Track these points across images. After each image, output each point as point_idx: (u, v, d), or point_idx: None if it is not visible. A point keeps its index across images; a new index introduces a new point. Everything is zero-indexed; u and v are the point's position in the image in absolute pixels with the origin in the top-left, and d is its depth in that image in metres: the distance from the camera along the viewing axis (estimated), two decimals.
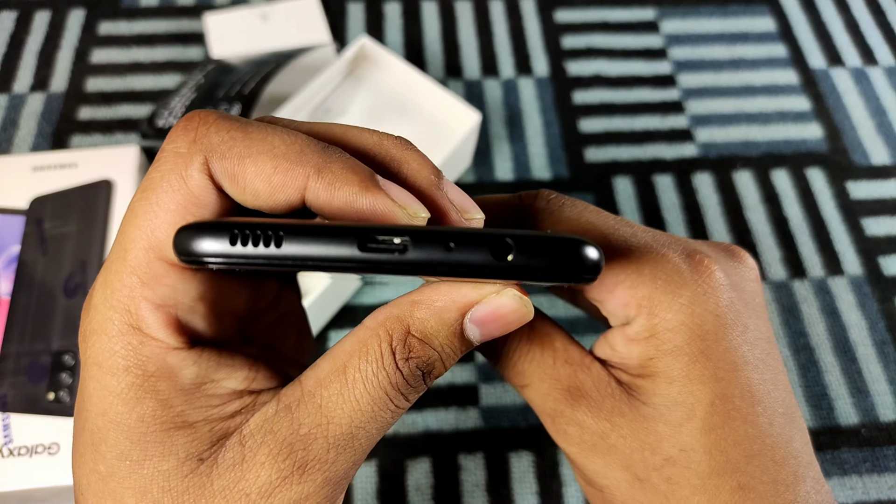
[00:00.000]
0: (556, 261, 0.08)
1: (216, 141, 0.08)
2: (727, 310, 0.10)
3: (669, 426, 0.10)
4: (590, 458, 0.10)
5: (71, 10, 0.34)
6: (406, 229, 0.08)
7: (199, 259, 0.08)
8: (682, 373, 0.10)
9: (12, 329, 0.22)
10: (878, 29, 0.36)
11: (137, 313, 0.09)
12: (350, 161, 0.09)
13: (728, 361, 0.10)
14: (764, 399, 0.10)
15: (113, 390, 0.09)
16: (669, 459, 0.10)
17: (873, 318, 0.27)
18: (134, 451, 0.09)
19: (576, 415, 0.10)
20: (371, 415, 0.09)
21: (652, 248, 0.10)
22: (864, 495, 0.24)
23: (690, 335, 0.10)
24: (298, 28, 0.33)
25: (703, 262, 0.10)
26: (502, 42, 0.35)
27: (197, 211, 0.09)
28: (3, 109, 0.31)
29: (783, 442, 0.10)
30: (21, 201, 0.24)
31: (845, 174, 0.31)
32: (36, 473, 0.19)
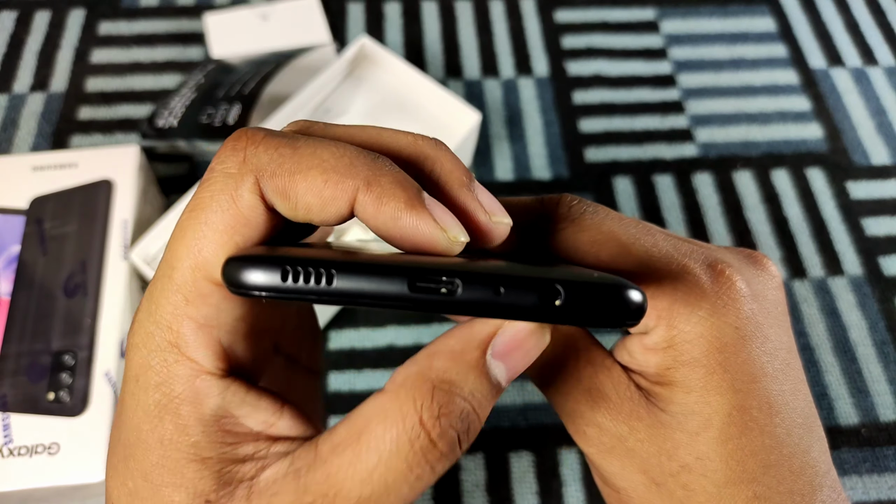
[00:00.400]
0: (603, 307, 0.08)
1: (266, 160, 0.08)
2: (747, 321, 0.10)
3: (686, 434, 0.10)
4: (608, 459, 0.10)
5: (71, 10, 0.34)
6: (457, 270, 0.08)
7: (249, 292, 0.08)
8: (700, 383, 0.10)
9: (12, 329, 0.22)
10: (878, 29, 0.36)
11: (179, 331, 0.09)
12: (399, 175, 0.09)
13: (746, 373, 0.10)
14: (782, 410, 0.10)
15: (143, 406, 0.09)
16: (686, 466, 0.10)
17: (873, 318, 0.27)
18: (153, 473, 0.09)
19: (595, 416, 0.10)
20: (385, 487, 0.08)
21: (673, 258, 0.10)
22: (864, 495, 0.24)
23: (709, 347, 0.10)
24: (298, 28, 0.33)
25: (724, 273, 0.10)
26: (502, 42, 0.35)
27: (246, 231, 0.09)
28: (4, 109, 0.31)
29: (800, 452, 0.10)
30: (21, 201, 0.24)
31: (845, 174, 0.31)
32: (36, 473, 0.19)
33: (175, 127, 0.28)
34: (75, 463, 0.20)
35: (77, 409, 0.20)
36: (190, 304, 0.09)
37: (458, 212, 0.09)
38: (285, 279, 0.08)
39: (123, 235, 0.24)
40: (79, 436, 0.20)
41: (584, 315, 0.08)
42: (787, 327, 0.11)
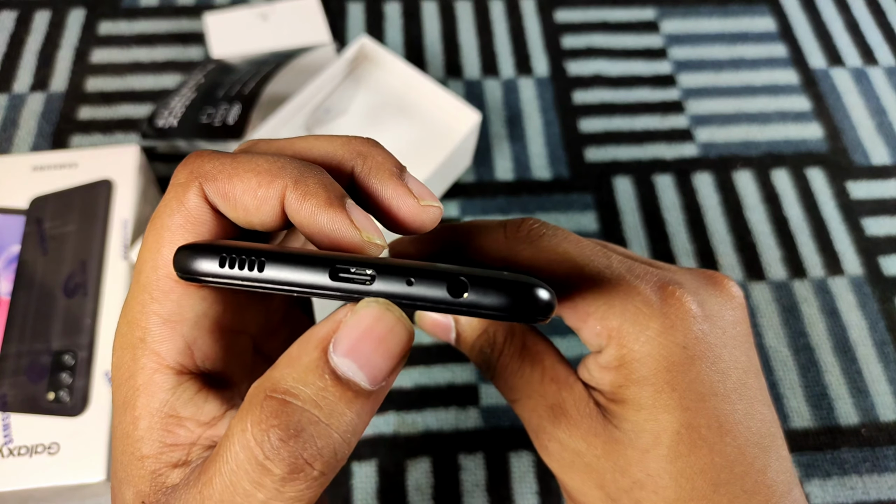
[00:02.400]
0: (510, 301, 0.08)
1: (209, 167, 0.09)
2: (696, 341, 0.10)
3: (637, 451, 0.10)
4: (568, 474, 0.11)
5: (71, 10, 0.34)
6: (373, 263, 0.08)
7: (194, 277, 0.09)
8: (649, 401, 0.10)
9: (12, 329, 0.22)
10: (879, 29, 0.36)
11: (146, 326, 0.09)
12: (325, 178, 0.09)
13: (695, 392, 0.10)
14: (734, 429, 0.10)
15: (116, 403, 0.09)
16: (638, 483, 0.10)
17: (873, 318, 0.27)
18: (117, 469, 0.09)
19: (556, 432, 0.11)
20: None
21: (625, 279, 0.10)
22: (865, 495, 0.24)
23: (657, 366, 0.10)
24: (298, 28, 0.33)
25: (675, 294, 0.10)
26: (502, 42, 0.35)
27: (196, 229, 0.09)
28: (3, 109, 0.31)
29: (755, 471, 0.10)
30: (21, 201, 0.24)
31: (845, 174, 0.31)
32: (36, 473, 0.19)
33: (175, 127, 0.28)
34: (75, 463, 0.20)
35: (77, 409, 0.20)
36: (154, 301, 0.09)
37: (390, 197, 0.10)
38: (222, 265, 0.09)
39: (123, 235, 0.24)
40: (79, 436, 0.20)
41: (492, 309, 0.08)
42: (745, 348, 0.11)
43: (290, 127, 0.28)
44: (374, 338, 0.08)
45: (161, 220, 0.09)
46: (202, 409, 0.09)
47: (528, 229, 0.11)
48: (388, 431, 0.24)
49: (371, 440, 0.24)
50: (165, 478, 0.09)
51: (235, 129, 0.26)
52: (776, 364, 0.26)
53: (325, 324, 0.08)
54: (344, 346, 0.08)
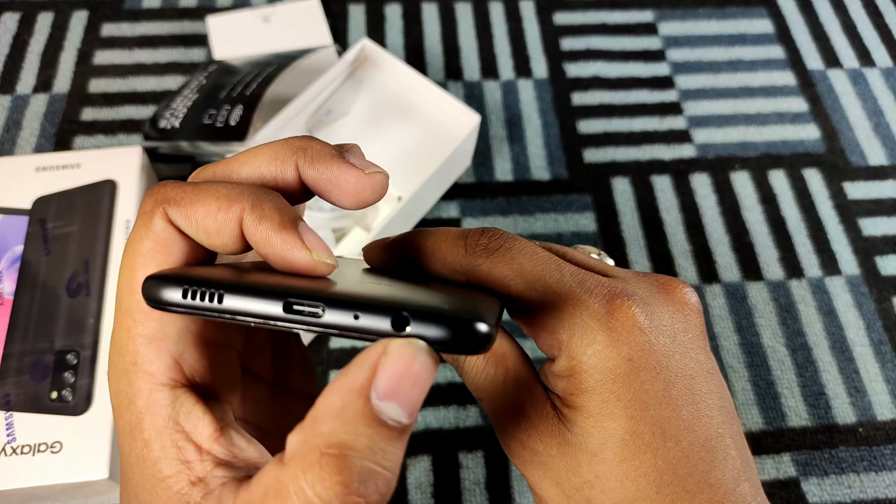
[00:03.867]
0: (449, 335, 0.08)
1: (171, 194, 0.10)
2: (640, 353, 0.11)
3: (587, 454, 0.11)
4: (528, 471, 0.11)
5: (74, 12, 0.34)
6: (321, 296, 0.09)
7: (161, 306, 0.09)
8: (596, 410, 0.11)
9: (16, 328, 0.22)
10: (875, 31, 0.36)
11: (134, 349, 0.10)
12: (279, 202, 0.10)
13: (639, 401, 0.11)
14: (677, 434, 0.11)
15: (122, 430, 0.10)
16: (588, 482, 0.11)
17: (870, 318, 0.28)
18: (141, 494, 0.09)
19: (516, 432, 0.11)
20: None
21: (574, 293, 0.11)
22: (862, 494, 0.24)
23: (603, 377, 0.11)
24: (300, 30, 0.34)
25: (622, 307, 0.11)
26: (502, 44, 0.35)
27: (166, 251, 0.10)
28: (7, 110, 0.31)
29: (698, 472, 0.11)
30: (24, 202, 0.24)
31: (842, 175, 0.32)
32: (39, 472, 0.19)
33: (177, 128, 0.28)
34: (78, 461, 0.20)
35: (80, 408, 0.21)
36: (138, 324, 0.10)
37: (336, 175, 0.10)
38: (185, 297, 0.09)
39: (126, 235, 0.24)
40: (81, 434, 0.20)
41: (433, 342, 0.08)
42: (695, 354, 0.11)
43: (291, 128, 0.28)
44: (410, 377, 0.08)
45: (133, 246, 0.10)
46: (202, 422, 0.10)
47: (486, 242, 0.12)
48: None
49: None
50: (189, 497, 0.09)
51: (237, 131, 0.27)
52: (773, 363, 0.27)
53: (360, 370, 0.08)
54: (384, 390, 0.08)
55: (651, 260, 0.29)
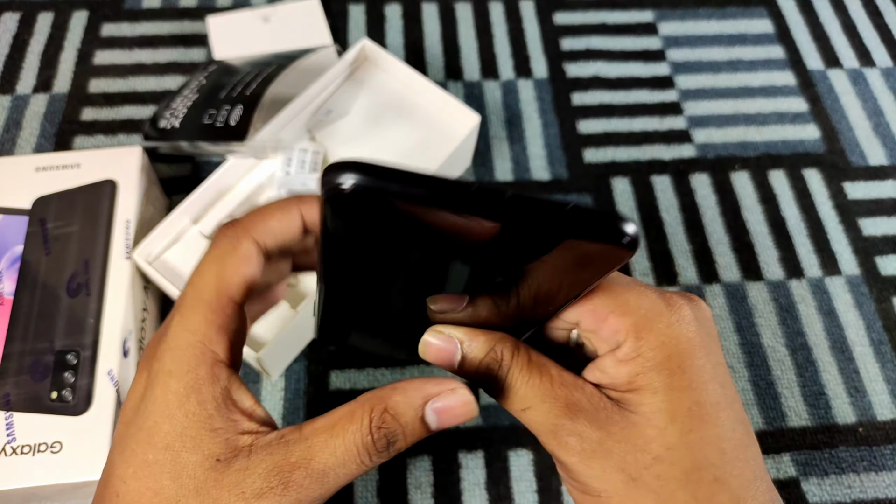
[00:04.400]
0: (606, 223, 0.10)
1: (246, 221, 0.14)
2: (696, 336, 0.12)
3: (655, 429, 0.12)
4: (589, 464, 0.12)
5: (74, 12, 0.34)
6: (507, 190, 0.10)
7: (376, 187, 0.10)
8: (664, 384, 0.12)
9: (15, 328, 0.22)
10: (876, 31, 0.36)
11: (207, 332, 0.13)
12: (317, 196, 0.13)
13: (699, 375, 0.12)
14: (726, 409, 0.12)
15: (174, 390, 0.12)
16: (658, 458, 0.12)
17: (870, 318, 0.28)
18: (177, 442, 0.12)
19: (576, 426, 0.12)
20: (342, 462, 0.12)
21: (634, 286, 0.13)
22: (862, 494, 0.24)
23: (669, 353, 0.12)
24: (300, 30, 0.34)
25: (675, 300, 0.13)
26: (502, 44, 0.35)
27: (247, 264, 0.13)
28: (7, 110, 0.31)
29: (743, 446, 0.12)
30: (24, 202, 0.24)
31: (842, 175, 0.32)
32: (39, 472, 0.19)
33: (177, 128, 0.28)
34: (78, 461, 0.20)
35: (80, 408, 0.21)
36: (215, 314, 0.13)
37: None
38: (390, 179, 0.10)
39: (126, 235, 0.24)
40: (81, 434, 0.20)
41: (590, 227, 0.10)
42: (721, 351, 0.13)
43: (291, 128, 0.28)
44: (453, 413, 0.12)
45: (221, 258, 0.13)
46: (245, 396, 0.13)
47: None
48: None
49: None
50: (237, 441, 0.12)
51: (238, 131, 0.27)
52: (773, 363, 0.27)
53: (435, 385, 0.12)
54: (437, 408, 0.12)
55: (651, 260, 0.29)
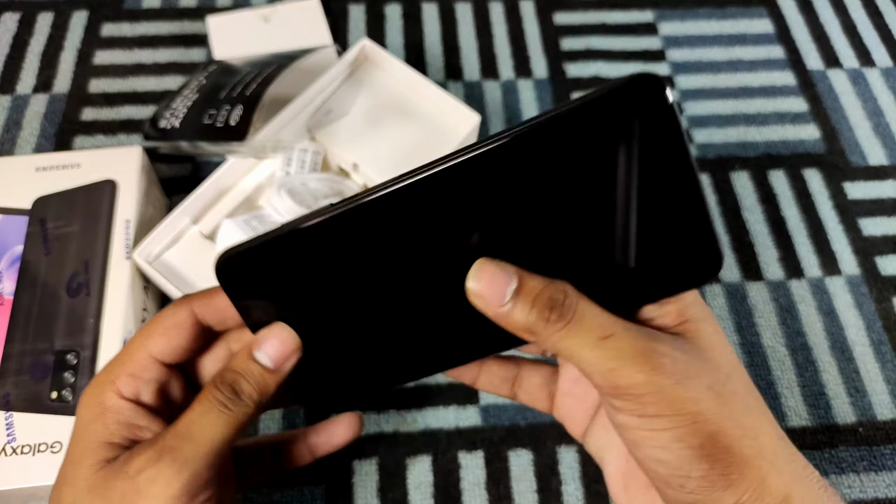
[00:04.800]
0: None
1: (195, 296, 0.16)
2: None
3: (717, 351, 0.13)
4: (686, 384, 0.12)
5: (73, 12, 0.34)
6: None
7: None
8: (707, 314, 0.13)
9: (15, 328, 0.22)
10: (876, 31, 0.36)
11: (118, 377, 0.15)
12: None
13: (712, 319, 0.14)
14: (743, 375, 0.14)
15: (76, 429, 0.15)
16: (727, 375, 0.13)
17: (870, 318, 0.28)
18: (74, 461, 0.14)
19: (666, 348, 0.12)
20: (202, 413, 0.13)
21: None
22: (862, 493, 0.24)
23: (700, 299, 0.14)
24: (300, 30, 0.34)
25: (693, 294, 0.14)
26: (502, 44, 0.35)
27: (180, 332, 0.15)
28: (7, 110, 0.31)
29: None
30: (24, 202, 0.24)
31: (842, 175, 0.32)
32: (38, 472, 0.20)
33: (177, 128, 0.28)
34: None
35: None
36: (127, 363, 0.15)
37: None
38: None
39: (126, 235, 0.24)
40: None
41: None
42: None
43: (291, 128, 0.28)
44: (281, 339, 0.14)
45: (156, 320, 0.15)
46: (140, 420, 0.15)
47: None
48: (389, 430, 0.24)
49: (371, 438, 0.24)
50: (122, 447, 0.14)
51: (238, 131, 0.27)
52: (773, 363, 0.27)
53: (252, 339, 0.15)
54: (261, 343, 0.15)
55: None
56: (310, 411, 0.24)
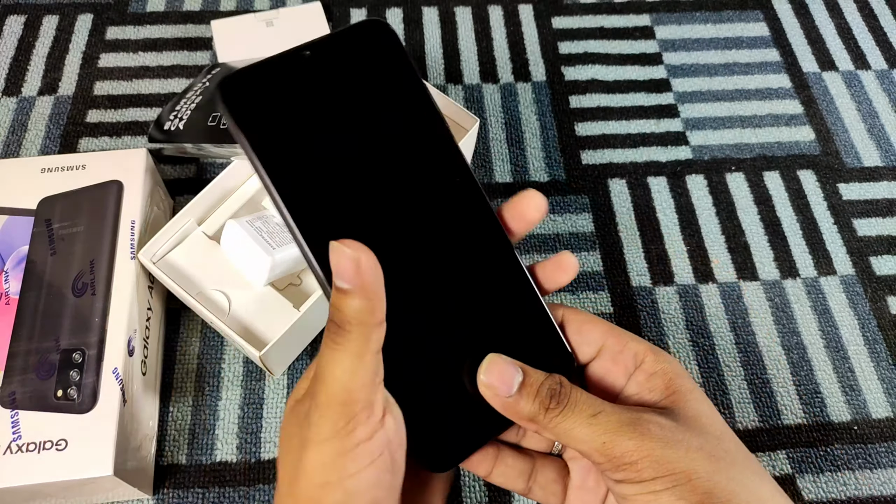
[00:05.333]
0: None
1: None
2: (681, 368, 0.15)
3: (706, 417, 0.14)
4: (675, 448, 0.13)
5: (79, 16, 0.35)
6: None
7: None
8: (693, 385, 0.14)
9: (21, 327, 0.22)
10: (870, 33, 0.37)
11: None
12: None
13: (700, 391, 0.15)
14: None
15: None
16: (717, 437, 0.14)
17: (864, 317, 0.28)
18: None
19: (653, 416, 0.13)
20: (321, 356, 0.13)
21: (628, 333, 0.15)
22: (857, 491, 0.24)
23: (676, 366, 0.14)
24: (303, 34, 0.34)
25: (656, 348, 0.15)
26: (501, 48, 0.35)
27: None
28: (12, 112, 0.31)
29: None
30: (30, 203, 0.25)
31: (837, 176, 0.32)
32: (44, 469, 0.20)
33: (181, 130, 0.29)
34: (83, 459, 0.20)
35: (85, 406, 0.21)
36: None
37: None
38: None
39: (131, 236, 0.24)
40: (87, 432, 0.20)
41: None
42: None
43: None
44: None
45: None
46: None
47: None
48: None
49: None
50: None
51: None
52: (769, 362, 0.27)
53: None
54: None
55: (647, 261, 0.29)
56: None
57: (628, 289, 0.28)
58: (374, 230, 0.13)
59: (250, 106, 0.13)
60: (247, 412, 0.25)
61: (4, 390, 0.21)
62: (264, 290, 0.24)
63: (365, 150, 0.13)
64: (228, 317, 0.24)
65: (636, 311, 0.28)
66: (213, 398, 0.25)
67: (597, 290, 0.28)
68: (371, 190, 0.13)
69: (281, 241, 0.24)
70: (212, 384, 0.25)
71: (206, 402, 0.25)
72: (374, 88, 0.13)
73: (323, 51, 0.13)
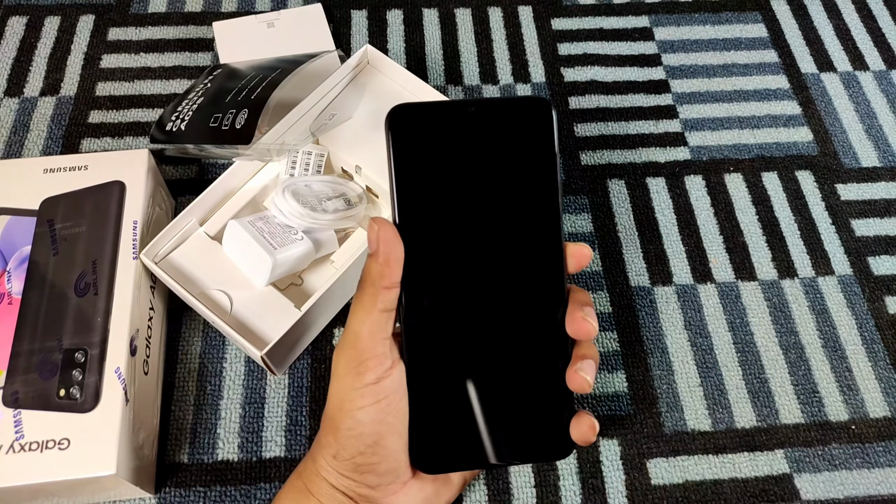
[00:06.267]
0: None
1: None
2: None
3: None
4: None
5: (80, 17, 0.35)
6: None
7: None
8: None
9: (24, 327, 0.22)
10: (868, 35, 0.37)
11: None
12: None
13: None
14: None
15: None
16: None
17: (862, 317, 0.28)
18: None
19: None
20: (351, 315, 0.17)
21: None
22: (855, 490, 0.24)
23: None
24: (304, 35, 0.34)
25: None
26: (501, 49, 0.35)
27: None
28: (14, 113, 0.32)
29: None
30: (32, 203, 0.25)
31: (835, 176, 0.32)
32: (46, 468, 0.20)
33: (183, 131, 0.29)
34: (85, 458, 0.20)
35: (87, 406, 0.21)
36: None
37: None
38: None
39: (133, 236, 0.24)
40: (89, 431, 0.20)
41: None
42: None
43: (295, 131, 0.28)
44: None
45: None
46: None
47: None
48: None
49: None
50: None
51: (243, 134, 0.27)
52: (767, 361, 0.27)
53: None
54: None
55: (646, 261, 0.29)
56: (313, 409, 0.25)
57: (627, 289, 0.28)
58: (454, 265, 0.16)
59: (407, 134, 0.16)
60: (248, 411, 0.25)
61: (7, 390, 0.21)
62: (266, 290, 0.25)
63: (480, 198, 0.16)
64: (230, 316, 0.24)
65: (635, 310, 0.28)
66: (214, 397, 0.25)
67: (596, 289, 0.28)
68: (468, 230, 0.16)
69: (283, 241, 0.24)
70: (213, 383, 0.25)
71: (208, 402, 0.25)
72: (514, 154, 0.16)
73: (485, 110, 0.16)
